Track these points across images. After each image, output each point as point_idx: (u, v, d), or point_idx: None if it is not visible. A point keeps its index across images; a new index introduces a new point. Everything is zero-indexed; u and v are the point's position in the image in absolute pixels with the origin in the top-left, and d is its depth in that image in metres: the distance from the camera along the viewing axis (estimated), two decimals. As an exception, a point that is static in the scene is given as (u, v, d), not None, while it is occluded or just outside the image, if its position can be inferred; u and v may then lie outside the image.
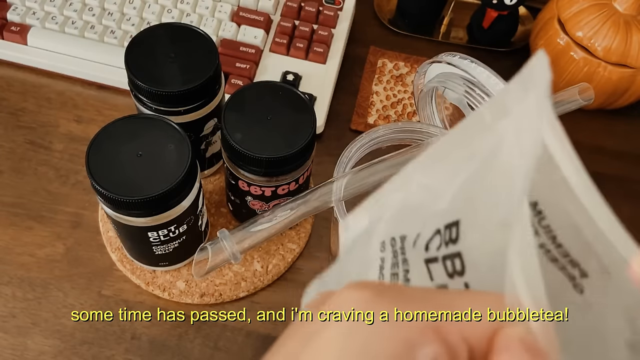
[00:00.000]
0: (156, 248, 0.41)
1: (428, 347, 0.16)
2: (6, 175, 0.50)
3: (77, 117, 0.53)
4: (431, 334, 0.16)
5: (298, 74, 0.54)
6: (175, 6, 0.56)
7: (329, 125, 0.53)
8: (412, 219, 0.21)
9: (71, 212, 0.48)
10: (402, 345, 0.16)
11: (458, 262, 0.19)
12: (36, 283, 0.45)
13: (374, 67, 0.58)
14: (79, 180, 0.50)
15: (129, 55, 0.40)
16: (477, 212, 0.18)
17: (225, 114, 0.39)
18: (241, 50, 0.54)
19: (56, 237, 0.47)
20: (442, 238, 0.19)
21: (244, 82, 0.52)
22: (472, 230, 0.18)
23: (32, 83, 0.55)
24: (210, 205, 0.49)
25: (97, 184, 0.35)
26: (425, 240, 0.20)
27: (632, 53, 0.50)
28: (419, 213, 0.21)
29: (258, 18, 0.56)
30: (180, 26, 0.42)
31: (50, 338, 0.43)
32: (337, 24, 0.57)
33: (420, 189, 0.21)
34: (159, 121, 0.38)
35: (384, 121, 0.55)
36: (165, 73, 0.40)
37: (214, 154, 0.48)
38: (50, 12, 0.55)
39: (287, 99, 0.40)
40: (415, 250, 0.21)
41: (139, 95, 0.41)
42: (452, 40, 0.61)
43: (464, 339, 0.16)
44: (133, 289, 0.45)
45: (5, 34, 0.54)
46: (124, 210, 0.36)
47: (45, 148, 0.51)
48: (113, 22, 0.55)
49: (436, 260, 0.20)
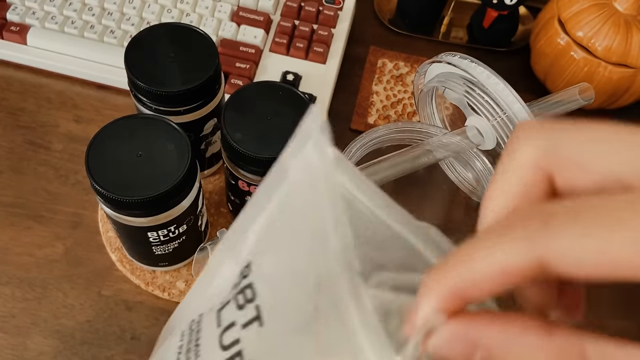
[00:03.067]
0: (156, 248, 0.41)
1: None
2: (5, 175, 0.50)
3: (77, 117, 0.53)
4: None
5: (298, 74, 0.54)
6: (175, 6, 0.56)
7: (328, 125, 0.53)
8: (220, 288, 0.23)
9: (71, 212, 0.48)
10: None
11: (249, 291, 0.20)
12: (36, 283, 0.45)
13: (374, 67, 0.58)
14: (78, 180, 0.50)
15: (129, 55, 0.40)
16: (271, 248, 0.20)
17: (225, 114, 0.39)
18: (241, 50, 0.54)
19: (56, 237, 0.47)
20: (239, 279, 0.21)
21: (243, 82, 0.52)
22: (265, 255, 0.20)
23: (31, 83, 0.55)
24: (210, 205, 0.49)
25: (96, 184, 0.35)
26: (224, 293, 0.22)
27: (632, 53, 0.50)
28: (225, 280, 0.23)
29: (258, 18, 0.56)
30: (180, 26, 0.42)
31: (49, 338, 0.43)
32: (337, 24, 0.57)
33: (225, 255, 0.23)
34: (158, 121, 0.38)
35: (384, 121, 0.55)
36: (165, 73, 0.40)
37: (213, 154, 0.48)
38: (49, 11, 0.55)
39: (287, 99, 0.40)
40: (211, 311, 0.22)
41: (139, 95, 0.40)
42: (452, 40, 0.61)
43: None
44: (133, 289, 0.45)
45: (5, 33, 0.54)
46: (124, 210, 0.36)
47: (44, 148, 0.51)
48: (113, 21, 0.55)
49: (228, 303, 0.21)
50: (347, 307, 0.16)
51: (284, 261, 0.20)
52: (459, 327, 0.15)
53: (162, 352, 0.27)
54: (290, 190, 0.20)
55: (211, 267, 0.25)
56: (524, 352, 0.14)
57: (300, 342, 0.18)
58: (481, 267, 0.15)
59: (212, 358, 0.21)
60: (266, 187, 0.21)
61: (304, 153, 0.19)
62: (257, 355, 0.19)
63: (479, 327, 0.15)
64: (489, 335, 0.15)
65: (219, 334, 0.21)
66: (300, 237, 0.19)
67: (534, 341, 0.14)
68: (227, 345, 0.21)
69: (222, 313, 0.22)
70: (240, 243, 0.22)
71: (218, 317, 0.22)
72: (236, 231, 0.23)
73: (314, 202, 0.18)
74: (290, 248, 0.19)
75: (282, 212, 0.20)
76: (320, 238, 0.17)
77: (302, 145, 0.19)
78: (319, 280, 0.17)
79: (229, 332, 0.21)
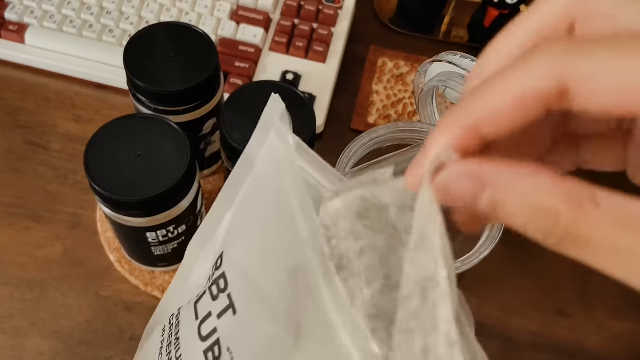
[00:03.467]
0: (155, 248, 0.41)
1: None
2: (4, 175, 0.50)
3: (76, 117, 0.53)
4: None
5: (298, 74, 0.54)
6: (174, 5, 0.56)
7: (329, 125, 0.53)
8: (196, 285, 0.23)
9: (70, 212, 0.48)
10: None
11: (222, 281, 0.21)
12: (34, 283, 0.45)
13: (374, 66, 0.58)
14: (77, 180, 0.50)
15: (128, 55, 0.40)
16: (242, 238, 0.20)
17: (225, 114, 0.39)
18: (240, 49, 0.54)
19: (54, 238, 0.47)
20: (212, 271, 0.21)
21: (243, 81, 0.52)
22: (234, 245, 0.20)
23: (30, 82, 0.54)
24: (210, 205, 0.49)
25: (95, 184, 0.35)
26: (201, 286, 0.23)
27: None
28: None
29: (257, 17, 0.56)
30: (179, 25, 0.42)
31: (48, 339, 0.43)
32: (337, 23, 0.57)
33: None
34: (157, 121, 0.38)
35: (384, 121, 0.54)
36: (164, 72, 0.40)
37: (213, 153, 0.48)
38: (48, 10, 0.55)
39: (287, 99, 0.40)
40: (189, 304, 0.22)
41: (138, 95, 0.40)
42: (453, 40, 0.61)
43: None
44: (132, 289, 0.45)
45: (3, 33, 0.53)
46: (123, 210, 0.36)
47: (43, 148, 0.51)
48: (111, 21, 0.54)
49: (204, 294, 0.22)
50: (320, 292, 0.16)
51: (255, 250, 0.20)
52: (471, 164, 0.15)
53: (146, 348, 0.27)
54: (257, 180, 0.20)
55: (187, 261, 0.25)
56: (534, 191, 0.14)
57: (277, 328, 0.18)
58: (500, 96, 0.14)
59: (192, 349, 0.21)
60: (234, 178, 0.21)
61: (267, 143, 0.19)
62: (234, 342, 0.19)
63: (491, 166, 0.15)
64: (500, 174, 0.14)
65: (197, 325, 0.22)
66: (270, 225, 0.19)
67: (545, 181, 0.14)
68: (205, 335, 0.21)
69: (198, 305, 0.22)
70: (212, 235, 0.23)
71: (195, 309, 0.22)
72: (208, 224, 0.23)
73: (281, 190, 0.18)
74: (261, 237, 0.20)
75: (251, 202, 0.20)
76: (290, 226, 0.17)
77: (265, 135, 0.19)
78: (295, 268, 0.17)
79: (206, 322, 0.21)
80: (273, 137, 0.19)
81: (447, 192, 0.15)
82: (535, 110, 0.14)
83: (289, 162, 0.18)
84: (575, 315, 0.47)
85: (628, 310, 0.47)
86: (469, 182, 0.15)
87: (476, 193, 0.15)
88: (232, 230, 0.22)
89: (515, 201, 0.14)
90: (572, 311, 0.47)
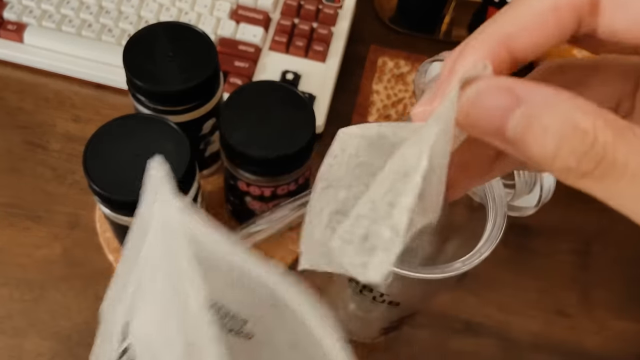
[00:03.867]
0: (154, 249, 0.41)
1: None
2: (3, 175, 0.49)
3: (75, 117, 0.53)
4: None
5: (297, 73, 0.53)
6: (174, 4, 0.56)
7: (329, 125, 0.53)
8: None
9: (69, 213, 0.48)
10: None
11: (131, 352, 0.21)
12: (33, 284, 0.45)
13: (374, 66, 0.58)
14: (76, 180, 0.49)
15: (127, 54, 0.40)
16: (142, 307, 0.20)
17: (224, 114, 0.39)
18: (240, 48, 0.54)
19: (53, 238, 0.47)
20: (121, 339, 0.21)
21: (242, 81, 0.52)
22: (138, 318, 0.21)
23: (29, 82, 0.54)
24: (209, 206, 0.49)
25: (94, 184, 0.35)
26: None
27: (634, 52, 0.50)
28: None
29: (257, 16, 0.56)
30: (179, 25, 0.42)
31: (47, 339, 0.43)
32: (337, 23, 0.57)
33: None
34: (157, 121, 0.37)
35: (384, 121, 0.54)
36: (164, 72, 0.39)
37: (212, 153, 0.48)
38: (47, 10, 0.54)
39: (287, 99, 0.40)
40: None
41: (137, 95, 0.40)
42: (453, 39, 0.61)
43: None
44: (131, 290, 0.45)
45: (2, 32, 0.53)
46: (122, 210, 0.36)
47: (42, 148, 0.51)
48: (111, 20, 0.54)
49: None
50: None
51: (154, 322, 0.19)
52: (507, 78, 0.14)
53: None
54: (148, 248, 0.19)
55: (106, 324, 0.24)
56: (573, 110, 0.13)
57: None
58: (534, 6, 0.14)
59: None
60: (134, 240, 0.21)
61: (154, 208, 0.19)
62: None
63: (527, 84, 0.14)
64: (537, 92, 0.13)
65: None
66: (165, 296, 0.18)
67: (585, 104, 0.13)
68: None
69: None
70: (120, 300, 0.22)
71: None
72: (117, 285, 0.23)
73: (170, 259, 0.18)
74: (158, 308, 0.19)
75: (146, 271, 0.20)
76: (181, 298, 0.17)
77: (153, 198, 0.19)
78: (188, 344, 0.17)
79: None
80: (158, 203, 0.18)
81: (475, 106, 0.14)
82: (568, 23, 0.14)
83: (176, 227, 0.18)
84: (576, 315, 0.47)
85: (628, 310, 0.47)
86: (503, 96, 0.13)
87: (508, 109, 0.13)
88: (135, 298, 0.21)
89: (552, 118, 0.13)
90: (572, 311, 0.47)
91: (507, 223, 0.32)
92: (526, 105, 0.13)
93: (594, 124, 0.13)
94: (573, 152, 0.13)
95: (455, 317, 0.46)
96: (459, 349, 0.45)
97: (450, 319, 0.46)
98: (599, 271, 0.49)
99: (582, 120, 0.13)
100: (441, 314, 0.46)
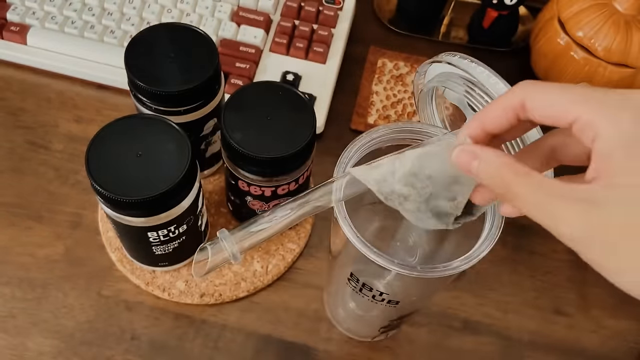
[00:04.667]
0: (156, 248, 0.41)
1: None
2: (6, 175, 0.50)
3: (77, 117, 0.53)
4: None
5: (298, 74, 0.54)
6: (175, 6, 0.56)
7: (329, 125, 0.53)
8: None
9: (71, 212, 0.48)
10: None
11: None
12: (36, 283, 0.45)
13: (374, 66, 0.58)
14: (78, 180, 0.50)
15: (129, 55, 0.40)
16: None
17: (225, 114, 0.39)
18: (241, 50, 0.54)
19: (56, 237, 0.47)
20: None
21: (243, 82, 0.52)
22: None
23: (31, 83, 0.55)
24: (210, 205, 0.49)
25: (96, 183, 0.35)
26: None
27: (632, 53, 0.50)
28: None
29: (258, 18, 0.56)
30: (180, 26, 0.42)
31: (49, 338, 0.43)
32: (337, 24, 0.57)
33: None
34: (158, 121, 0.38)
35: (384, 121, 0.55)
36: (165, 73, 0.40)
37: (213, 154, 0.48)
38: (49, 11, 0.55)
39: (287, 99, 0.40)
40: None
41: (139, 95, 0.40)
42: (452, 40, 0.61)
43: None
44: (133, 289, 0.45)
45: (5, 33, 0.54)
46: (124, 210, 0.36)
47: (44, 148, 0.51)
48: (113, 22, 0.55)
49: None
50: None
51: None
52: (472, 145, 0.26)
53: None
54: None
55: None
56: (498, 162, 0.25)
57: None
58: (492, 108, 0.26)
59: None
60: None
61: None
62: None
63: (485, 148, 0.26)
64: (487, 153, 0.25)
65: None
66: None
67: (505, 159, 0.25)
68: None
69: None
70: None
71: None
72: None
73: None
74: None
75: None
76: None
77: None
78: None
79: None
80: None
81: (456, 157, 0.26)
82: (511, 116, 0.26)
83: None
84: (574, 314, 0.47)
85: (626, 308, 0.47)
86: (469, 154, 0.26)
87: (471, 160, 0.26)
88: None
89: (490, 166, 0.25)
90: (570, 310, 0.47)
91: (505, 223, 0.33)
92: (479, 159, 0.25)
93: (506, 169, 0.24)
94: (496, 181, 0.25)
95: (453, 315, 0.46)
96: (458, 347, 0.45)
97: (449, 318, 0.46)
98: (596, 270, 0.49)
99: (501, 167, 0.25)
100: (440, 313, 0.46)
